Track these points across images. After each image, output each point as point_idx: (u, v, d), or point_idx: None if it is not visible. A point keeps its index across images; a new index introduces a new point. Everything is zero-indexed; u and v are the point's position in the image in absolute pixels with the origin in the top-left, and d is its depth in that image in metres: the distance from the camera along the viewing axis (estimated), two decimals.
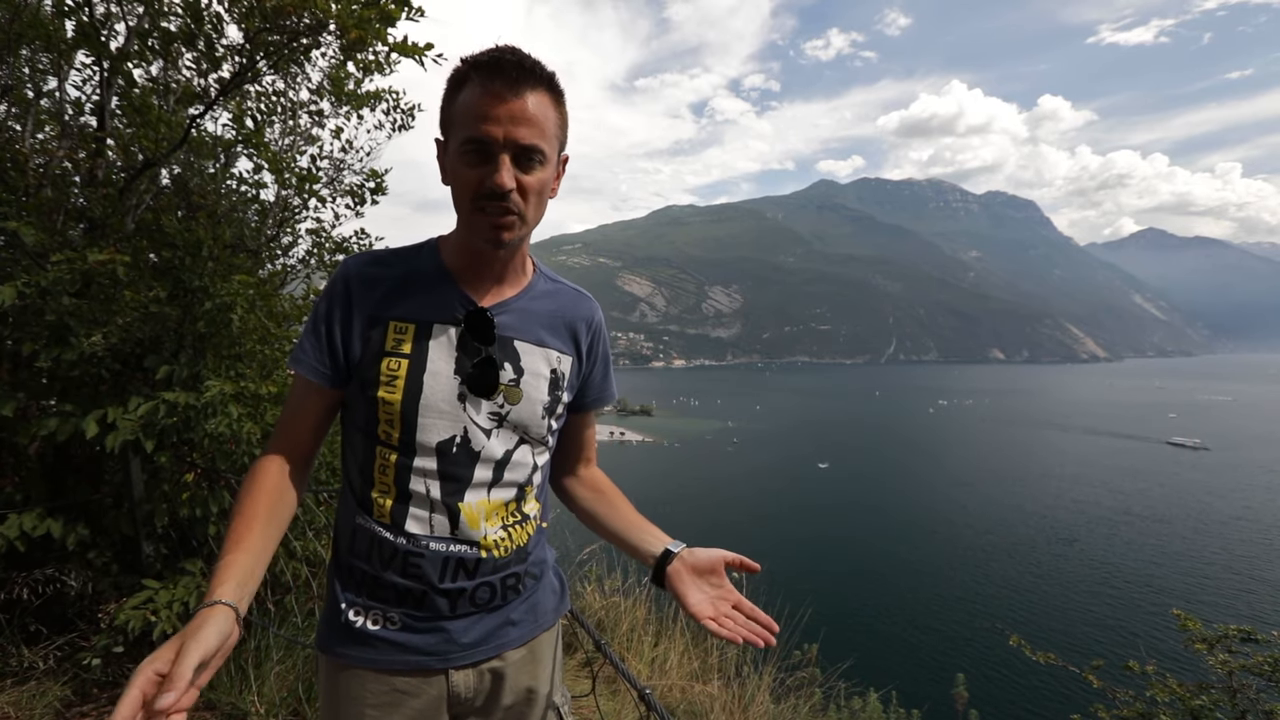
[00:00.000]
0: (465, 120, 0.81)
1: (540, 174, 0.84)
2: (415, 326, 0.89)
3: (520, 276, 0.97)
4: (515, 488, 0.95)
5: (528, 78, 0.80)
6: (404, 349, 0.88)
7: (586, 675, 2.84)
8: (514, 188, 0.81)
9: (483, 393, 0.89)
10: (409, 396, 0.86)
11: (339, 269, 0.93)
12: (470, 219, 0.84)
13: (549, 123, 0.83)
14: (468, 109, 0.80)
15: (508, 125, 0.79)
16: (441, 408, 0.88)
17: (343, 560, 0.93)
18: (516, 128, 0.79)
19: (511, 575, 0.96)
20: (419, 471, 0.88)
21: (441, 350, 0.89)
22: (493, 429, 0.91)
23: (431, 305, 0.90)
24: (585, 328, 1.02)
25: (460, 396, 0.89)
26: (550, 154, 0.85)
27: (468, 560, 0.90)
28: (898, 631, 33.55)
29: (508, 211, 0.82)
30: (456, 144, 0.82)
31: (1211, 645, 2.62)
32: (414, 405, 0.87)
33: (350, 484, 0.93)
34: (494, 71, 0.79)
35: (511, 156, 0.80)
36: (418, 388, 0.87)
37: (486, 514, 0.91)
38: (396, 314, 0.89)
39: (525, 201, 0.83)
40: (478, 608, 0.93)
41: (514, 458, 0.94)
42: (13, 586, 2.19)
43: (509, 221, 0.83)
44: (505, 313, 0.93)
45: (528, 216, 0.85)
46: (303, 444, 0.93)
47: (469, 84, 0.81)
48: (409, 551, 0.88)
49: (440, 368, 0.88)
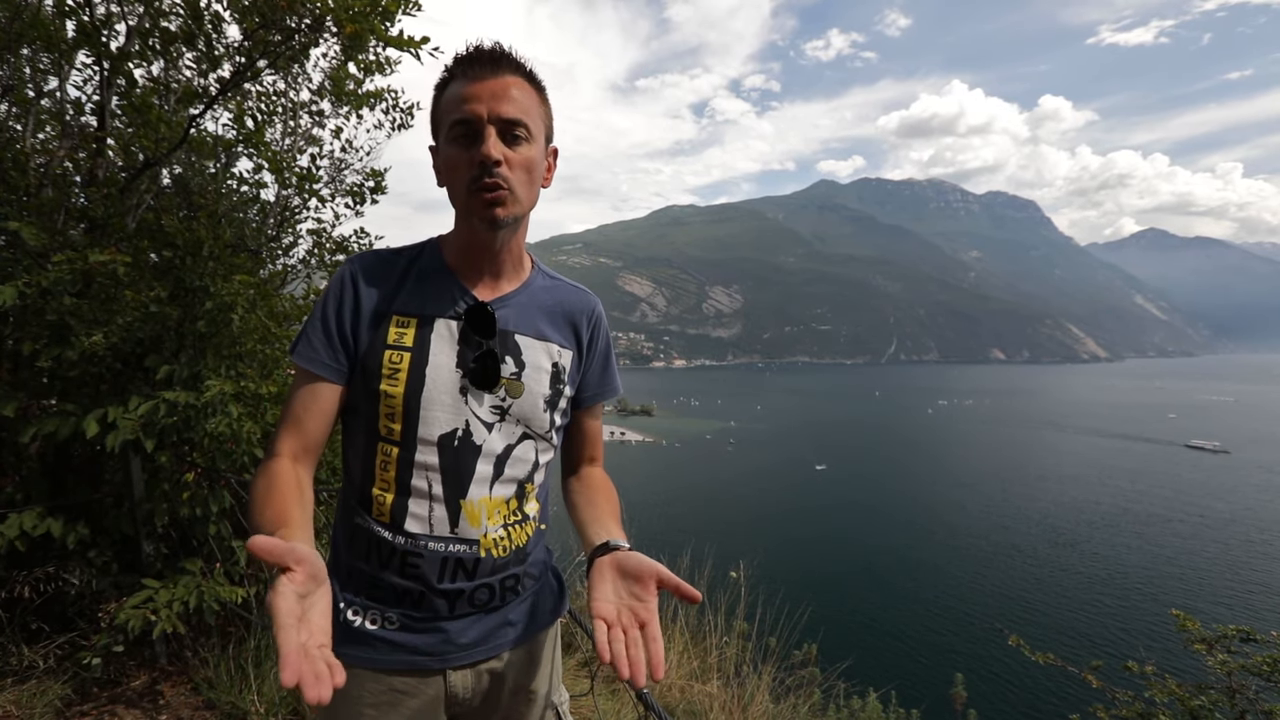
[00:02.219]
0: (450, 109, 0.85)
1: (527, 150, 0.86)
2: (417, 320, 0.90)
3: (519, 272, 0.99)
4: (516, 484, 0.95)
5: (505, 61, 0.85)
6: (406, 342, 0.89)
7: (585, 675, 2.84)
8: (500, 158, 0.83)
9: (484, 386, 0.90)
10: (411, 389, 0.87)
11: (343, 266, 0.94)
12: (467, 203, 0.86)
13: (531, 103, 0.86)
14: (453, 99, 0.84)
15: (489, 101, 0.82)
16: (443, 400, 0.88)
17: (341, 560, 0.93)
18: (498, 103, 0.82)
19: (510, 576, 0.96)
20: (420, 466, 0.88)
21: (443, 344, 0.90)
22: (495, 423, 0.91)
23: (433, 300, 0.92)
24: (586, 321, 1.03)
25: (462, 390, 0.89)
26: (535, 132, 0.87)
27: (466, 561, 0.90)
28: (897, 631, 33.53)
29: (498, 185, 0.84)
30: (445, 132, 0.86)
31: (1210, 645, 2.62)
32: (416, 398, 0.87)
33: (351, 481, 0.94)
34: (473, 60, 0.84)
35: (497, 131, 0.83)
36: (420, 380, 0.87)
37: (488, 511, 0.91)
38: (399, 308, 0.91)
39: (514, 176, 0.85)
40: (476, 608, 0.93)
41: (515, 453, 0.94)
42: (14, 585, 2.19)
43: (501, 195, 0.84)
44: (505, 306, 0.94)
45: (519, 193, 0.86)
46: (312, 444, 0.91)
47: (453, 80, 0.85)
48: (408, 551, 0.88)
49: (442, 361, 0.89)
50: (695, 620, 3.11)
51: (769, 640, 2.99)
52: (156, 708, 2.29)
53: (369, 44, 2.80)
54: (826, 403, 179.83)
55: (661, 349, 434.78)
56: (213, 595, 2.28)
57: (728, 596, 3.16)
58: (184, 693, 2.40)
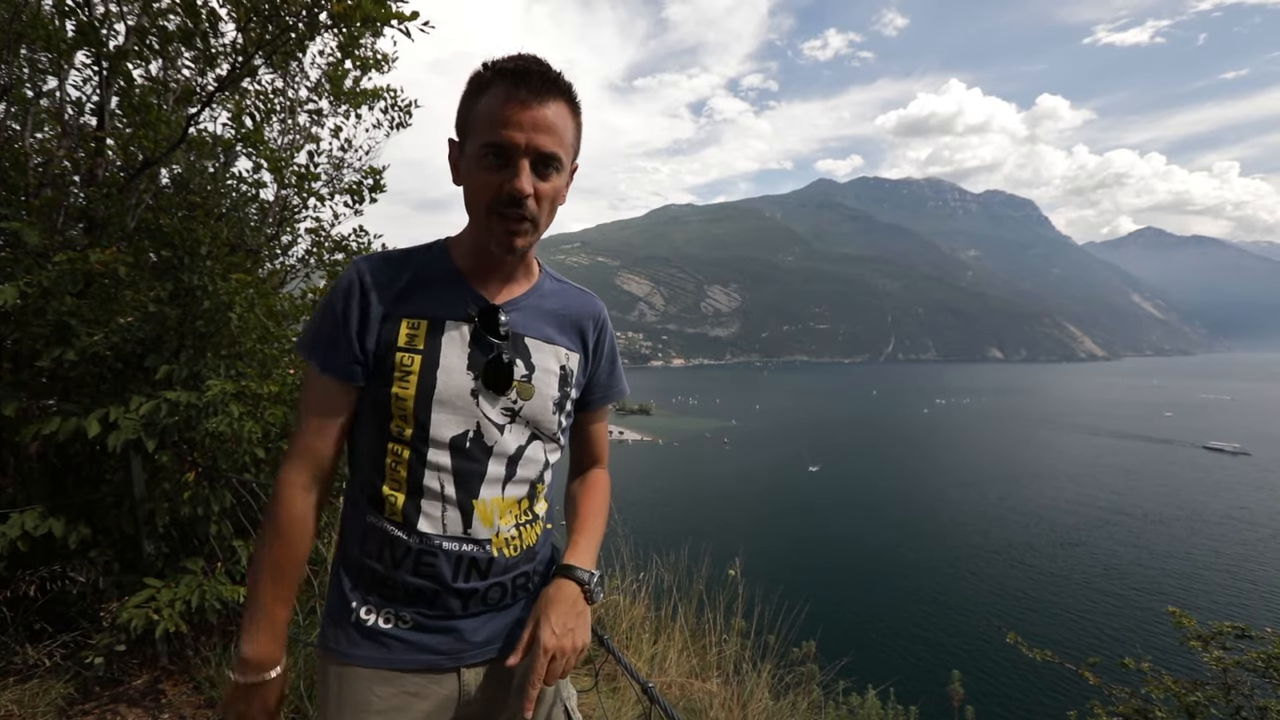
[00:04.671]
0: (487, 125, 0.82)
1: (556, 182, 0.86)
2: (428, 323, 0.90)
3: (528, 276, 0.99)
4: (528, 484, 0.96)
5: (551, 88, 0.82)
6: (417, 344, 0.89)
7: (587, 673, 2.85)
8: (531, 193, 0.82)
9: (496, 387, 0.90)
10: (422, 391, 0.87)
11: (350, 268, 0.93)
12: (486, 222, 0.86)
13: (568, 132, 0.85)
14: (490, 114, 0.81)
15: (530, 132, 0.80)
16: (455, 402, 0.88)
17: (352, 559, 0.93)
18: (538, 135, 0.81)
19: (521, 575, 0.97)
20: (433, 466, 0.88)
21: (454, 346, 0.90)
22: (506, 424, 0.92)
23: (444, 303, 0.91)
24: (592, 325, 1.04)
25: (473, 392, 0.90)
26: (566, 163, 0.87)
27: (480, 560, 0.91)
28: (895, 629, 33.62)
29: (523, 218, 0.84)
30: (475, 147, 0.83)
31: (1206, 642, 2.64)
32: (427, 400, 0.87)
33: (360, 480, 0.93)
34: (519, 79, 0.81)
35: (530, 163, 0.82)
36: (431, 382, 0.87)
37: (500, 511, 0.92)
38: (409, 311, 0.90)
39: (540, 208, 0.85)
40: (489, 607, 0.94)
41: (527, 453, 0.95)
42: (18, 584, 2.20)
43: (524, 228, 0.85)
44: (515, 310, 0.95)
45: (540, 223, 0.87)
46: (330, 454, 0.92)
47: (492, 89, 0.82)
48: (422, 550, 0.88)
49: (453, 363, 0.89)
50: (694, 618, 3.12)
51: (768, 638, 3.00)
52: (159, 706, 2.30)
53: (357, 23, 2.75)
54: (825, 401, 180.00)
55: (660, 348, 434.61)
56: (214, 594, 2.28)
57: (726, 594, 3.18)
58: (186, 691, 2.41)
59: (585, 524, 1.03)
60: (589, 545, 1.00)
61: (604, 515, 1.08)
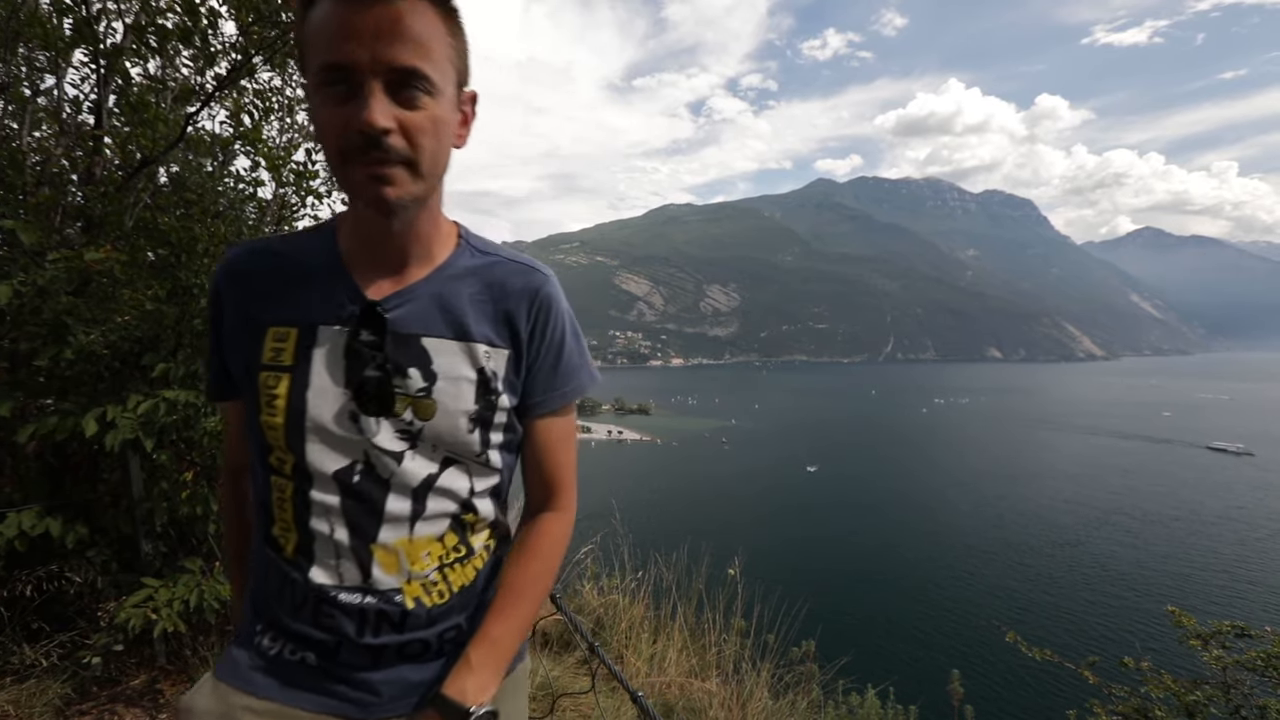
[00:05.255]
0: (319, 42, 0.61)
1: (430, 109, 0.64)
2: (297, 331, 0.72)
3: (431, 254, 0.77)
4: (449, 519, 0.77)
5: None
6: (284, 360, 0.72)
7: (585, 673, 2.85)
8: (391, 127, 0.61)
9: (376, 410, 0.71)
10: (293, 419, 0.70)
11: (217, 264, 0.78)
12: (344, 174, 0.65)
13: (435, 40, 0.63)
14: (320, 27, 0.61)
15: (374, 43, 0.59)
16: (332, 430, 0.71)
17: (258, 591, 0.79)
18: (386, 45, 0.60)
19: (452, 629, 0.78)
20: (320, 508, 0.72)
21: (327, 359, 0.71)
22: (404, 450, 0.73)
23: (317, 303, 0.73)
24: (525, 308, 0.78)
25: (352, 415, 0.71)
26: (440, 82, 0.65)
27: (391, 613, 0.74)
28: (895, 628, 33.66)
29: (385, 160, 0.62)
30: (312, 75, 0.63)
31: (1205, 641, 2.64)
32: (299, 429, 0.70)
33: (257, 514, 0.79)
34: None
35: (384, 85, 0.61)
36: (301, 407, 0.70)
37: (411, 556, 0.74)
38: (275, 317, 0.73)
39: (414, 146, 0.64)
40: (409, 660, 0.76)
41: (440, 483, 0.75)
42: (15, 584, 2.19)
43: (390, 174, 0.63)
44: (409, 302, 0.74)
45: (421, 166, 0.65)
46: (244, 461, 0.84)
47: None
48: (320, 600, 0.73)
49: (325, 382, 0.71)
50: (694, 618, 3.12)
51: (767, 637, 3.01)
52: (156, 706, 2.29)
53: None
54: (824, 401, 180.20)
55: (659, 348, 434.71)
56: (213, 594, 2.28)
57: (725, 594, 3.18)
58: (184, 691, 2.39)
59: (502, 612, 0.77)
60: (492, 655, 0.74)
61: (539, 590, 0.80)
